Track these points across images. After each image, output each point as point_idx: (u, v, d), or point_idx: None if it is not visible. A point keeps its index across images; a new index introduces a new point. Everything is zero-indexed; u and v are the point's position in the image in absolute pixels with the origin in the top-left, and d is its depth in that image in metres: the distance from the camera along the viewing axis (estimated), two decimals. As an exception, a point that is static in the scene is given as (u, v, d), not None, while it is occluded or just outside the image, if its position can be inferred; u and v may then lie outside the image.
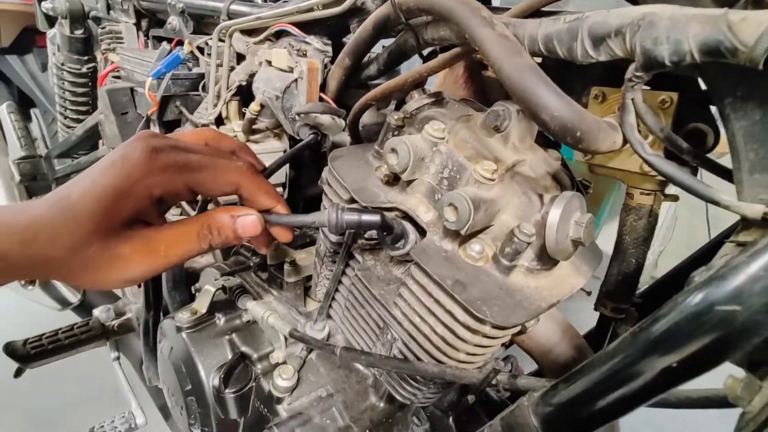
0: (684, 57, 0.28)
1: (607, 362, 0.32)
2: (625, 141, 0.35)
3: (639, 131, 0.35)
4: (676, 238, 2.48)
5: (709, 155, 0.38)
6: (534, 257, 0.43)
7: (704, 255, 0.46)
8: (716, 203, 0.30)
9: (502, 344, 0.48)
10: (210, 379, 0.59)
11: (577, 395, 0.34)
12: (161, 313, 0.82)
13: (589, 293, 0.69)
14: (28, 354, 0.88)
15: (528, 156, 0.45)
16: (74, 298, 1.21)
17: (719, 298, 0.25)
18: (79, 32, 1.00)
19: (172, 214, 0.81)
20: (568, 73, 0.40)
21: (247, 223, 0.41)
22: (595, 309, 0.49)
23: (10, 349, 0.87)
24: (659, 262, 2.57)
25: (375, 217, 0.42)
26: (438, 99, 0.50)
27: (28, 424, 1.26)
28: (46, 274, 0.36)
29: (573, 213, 0.41)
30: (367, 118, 0.65)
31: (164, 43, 0.73)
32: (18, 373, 0.89)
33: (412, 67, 0.55)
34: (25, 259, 0.33)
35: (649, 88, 0.40)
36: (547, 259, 0.43)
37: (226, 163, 0.42)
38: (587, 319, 0.61)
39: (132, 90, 0.74)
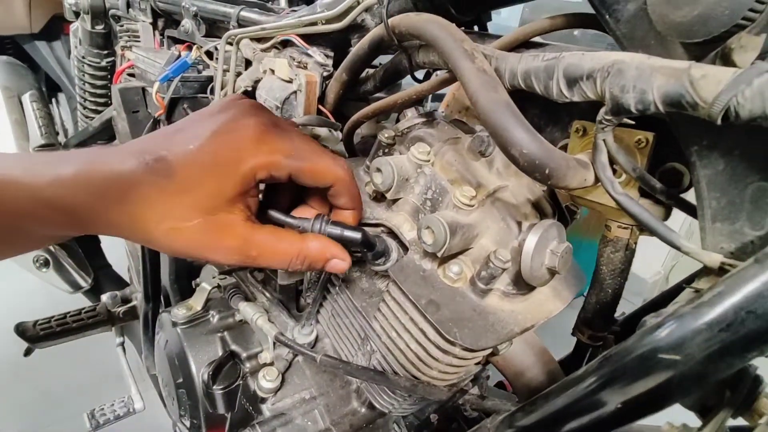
0: (648, 106, 0.28)
1: (568, 391, 0.33)
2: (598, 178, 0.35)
3: (614, 169, 0.35)
4: (690, 254, 2.42)
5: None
6: (510, 282, 0.44)
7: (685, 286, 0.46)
8: (677, 248, 0.31)
9: (478, 363, 0.49)
10: (200, 374, 0.62)
11: (537, 421, 0.35)
12: (162, 304, 0.85)
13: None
14: (38, 335, 0.93)
15: (511, 182, 0.46)
16: (85, 282, 1.26)
17: (662, 346, 0.26)
18: (99, 27, 1.03)
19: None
20: (555, 105, 0.41)
21: (337, 266, 0.41)
22: (573, 335, 0.49)
23: (21, 330, 0.91)
24: (670, 277, 2.53)
25: (356, 234, 0.43)
26: (429, 119, 0.51)
27: (34, 400, 1.32)
28: (116, 232, 0.33)
29: (550, 242, 0.42)
30: (366, 129, 0.66)
31: (174, 47, 0.76)
32: (27, 352, 0.93)
33: (410, 83, 0.56)
34: (101, 214, 0.31)
35: (634, 123, 0.41)
36: (523, 285, 0.44)
37: (329, 156, 0.40)
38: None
39: (144, 90, 0.77)
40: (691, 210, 0.36)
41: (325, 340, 0.64)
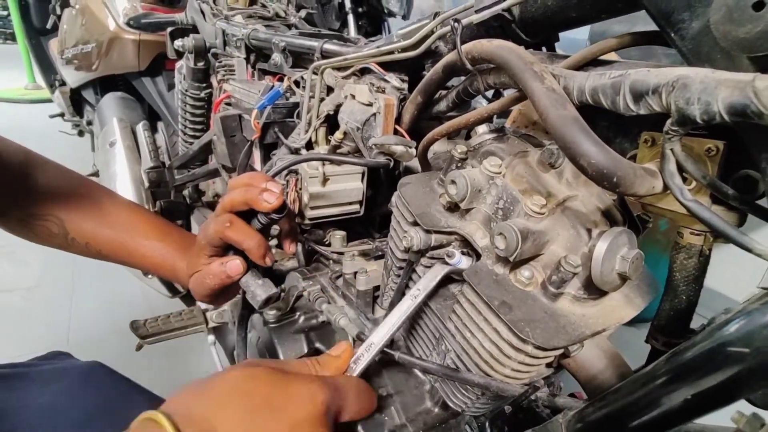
0: (714, 117, 0.30)
1: (638, 386, 0.35)
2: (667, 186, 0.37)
3: (684, 177, 0.37)
4: (793, 274, 2.18)
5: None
6: (581, 287, 0.46)
7: None
8: (749, 250, 0.32)
9: (549, 365, 0.50)
10: (288, 369, 0.69)
11: (606, 415, 0.37)
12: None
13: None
14: (148, 332, 1.06)
15: (581, 192, 0.48)
16: (183, 288, 1.42)
17: (730, 339, 0.28)
18: (200, 64, 1.19)
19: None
20: (624, 118, 0.43)
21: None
22: (646, 341, 0.50)
23: (135, 326, 1.05)
24: (770, 299, 2.28)
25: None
26: (499, 135, 0.54)
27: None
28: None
29: (620, 248, 0.43)
30: (438, 146, 0.71)
31: (267, 78, 0.86)
32: (139, 348, 1.07)
33: (481, 102, 0.60)
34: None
35: (707, 132, 0.42)
36: (594, 290, 0.46)
37: None
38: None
39: (240, 117, 0.88)
40: (766, 215, 0.37)
41: (399, 342, 0.68)
